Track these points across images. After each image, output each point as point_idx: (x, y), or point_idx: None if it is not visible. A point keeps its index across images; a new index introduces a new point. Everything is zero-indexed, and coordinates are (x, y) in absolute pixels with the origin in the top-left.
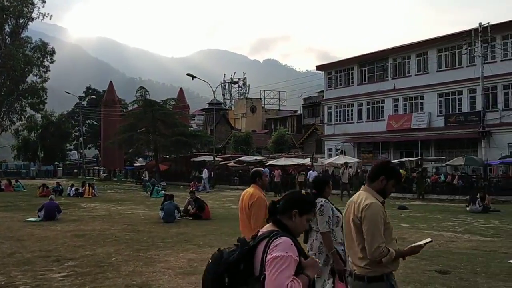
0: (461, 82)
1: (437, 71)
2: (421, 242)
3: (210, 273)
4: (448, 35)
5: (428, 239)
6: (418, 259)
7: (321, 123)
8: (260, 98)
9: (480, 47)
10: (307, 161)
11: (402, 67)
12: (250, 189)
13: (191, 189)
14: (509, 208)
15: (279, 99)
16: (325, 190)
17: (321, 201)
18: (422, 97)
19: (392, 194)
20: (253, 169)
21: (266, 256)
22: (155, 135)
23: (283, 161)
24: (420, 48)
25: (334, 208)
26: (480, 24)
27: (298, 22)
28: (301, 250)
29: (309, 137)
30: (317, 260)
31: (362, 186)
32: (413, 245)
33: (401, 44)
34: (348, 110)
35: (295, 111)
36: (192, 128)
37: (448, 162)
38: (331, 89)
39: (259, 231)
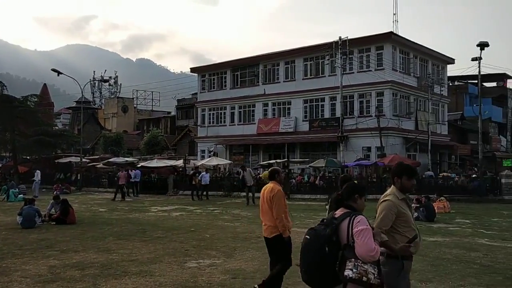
0: (323, 90)
1: (303, 79)
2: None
3: (312, 245)
4: (313, 46)
5: (415, 234)
6: None
7: (195, 125)
8: (133, 98)
9: (340, 58)
10: (180, 162)
11: (272, 73)
12: (270, 185)
13: (55, 192)
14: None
15: (152, 99)
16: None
17: None
18: (289, 103)
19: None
20: (271, 168)
21: (351, 229)
22: (14, 134)
23: (155, 163)
24: (288, 56)
25: None
26: (340, 38)
27: (174, 22)
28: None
29: (182, 138)
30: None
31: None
32: (402, 244)
33: (272, 52)
34: (221, 113)
35: (169, 113)
36: (57, 128)
37: (311, 164)
38: (205, 92)
39: (334, 213)
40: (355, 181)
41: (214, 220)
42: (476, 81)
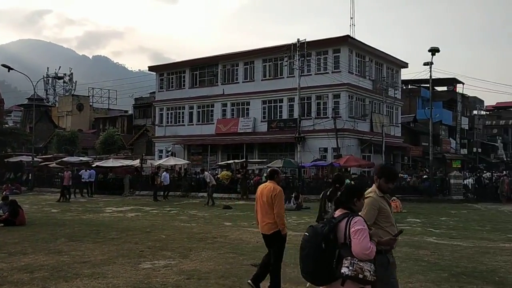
0: (282, 91)
1: (261, 80)
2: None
3: (310, 242)
4: (272, 47)
5: (400, 229)
6: (236, 254)
7: (152, 125)
8: (88, 96)
9: (298, 60)
10: (136, 162)
11: (231, 73)
12: (269, 184)
13: (4, 193)
14: (317, 206)
15: (109, 98)
16: (342, 185)
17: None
18: (248, 103)
19: (219, 195)
20: (271, 168)
21: (349, 229)
22: None
23: (111, 163)
24: (248, 57)
25: None
26: (298, 40)
27: (132, 19)
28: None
29: (139, 138)
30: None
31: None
32: (388, 237)
33: (231, 52)
34: (179, 112)
35: (126, 111)
36: (7, 125)
37: (269, 164)
38: (163, 91)
39: (334, 215)
40: (352, 182)
41: (171, 221)
42: (428, 85)
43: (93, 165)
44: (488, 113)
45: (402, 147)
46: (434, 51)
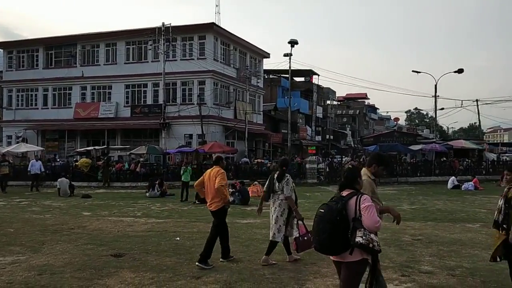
0: (146, 76)
1: (125, 63)
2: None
3: (326, 216)
4: (136, 30)
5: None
6: (95, 245)
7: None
8: None
9: (163, 45)
10: None
11: (91, 55)
12: (215, 168)
13: None
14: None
15: None
16: (288, 168)
17: (287, 175)
18: (110, 87)
19: (78, 183)
20: (217, 155)
21: (359, 206)
22: None
23: None
24: (110, 38)
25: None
26: (163, 24)
27: None
28: None
29: None
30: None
31: (364, 168)
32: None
33: (91, 32)
34: (31, 94)
35: None
36: None
37: (132, 151)
38: (12, 71)
39: (342, 193)
40: (352, 166)
41: (21, 213)
42: (288, 76)
43: None
44: (339, 103)
45: (264, 134)
46: (293, 43)
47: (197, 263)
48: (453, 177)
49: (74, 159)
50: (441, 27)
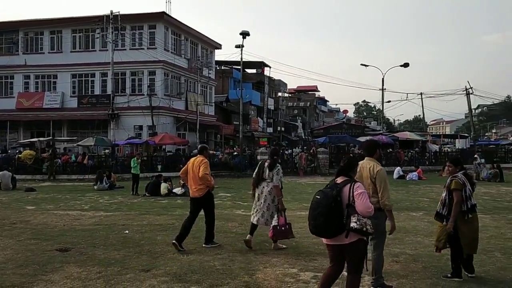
0: (94, 65)
1: (71, 52)
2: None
3: (322, 203)
4: (83, 17)
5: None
6: (40, 240)
7: None
8: None
9: (111, 33)
10: None
11: (35, 42)
12: (199, 157)
13: None
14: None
15: None
16: (279, 158)
17: (279, 165)
18: (55, 76)
19: (22, 176)
20: (201, 145)
21: (352, 192)
22: None
23: None
24: (55, 25)
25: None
26: (111, 12)
27: None
28: None
29: None
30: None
31: (366, 158)
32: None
33: (35, 18)
34: None
35: None
36: None
37: (79, 143)
38: None
39: (336, 180)
40: (349, 156)
41: None
42: (240, 67)
43: None
44: (290, 95)
45: (216, 125)
46: (244, 34)
47: (204, 245)
48: (398, 167)
49: (17, 151)
50: (389, 23)
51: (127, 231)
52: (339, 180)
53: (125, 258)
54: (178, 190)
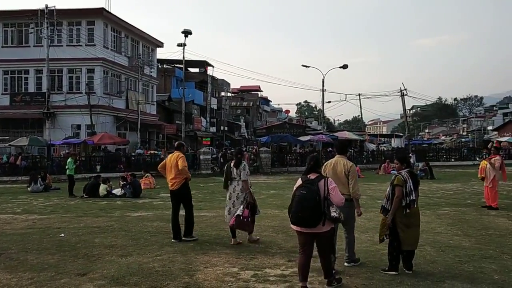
0: (28, 62)
1: (2, 47)
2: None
3: (308, 195)
4: (15, 11)
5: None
6: None
7: None
8: None
9: (47, 29)
10: None
11: None
12: (176, 153)
13: None
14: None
15: None
16: (244, 156)
17: (244, 162)
18: None
19: None
20: (178, 141)
21: (327, 186)
22: None
23: None
24: None
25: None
26: (46, 6)
27: None
28: None
29: None
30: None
31: (337, 155)
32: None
33: None
34: None
35: None
36: None
37: (12, 143)
38: None
39: (309, 176)
40: (315, 154)
41: None
42: (182, 66)
43: None
44: (233, 95)
45: (157, 124)
46: (187, 33)
47: (184, 238)
48: None
49: None
50: (330, 26)
51: (62, 234)
52: (312, 176)
53: (59, 263)
54: (117, 191)
